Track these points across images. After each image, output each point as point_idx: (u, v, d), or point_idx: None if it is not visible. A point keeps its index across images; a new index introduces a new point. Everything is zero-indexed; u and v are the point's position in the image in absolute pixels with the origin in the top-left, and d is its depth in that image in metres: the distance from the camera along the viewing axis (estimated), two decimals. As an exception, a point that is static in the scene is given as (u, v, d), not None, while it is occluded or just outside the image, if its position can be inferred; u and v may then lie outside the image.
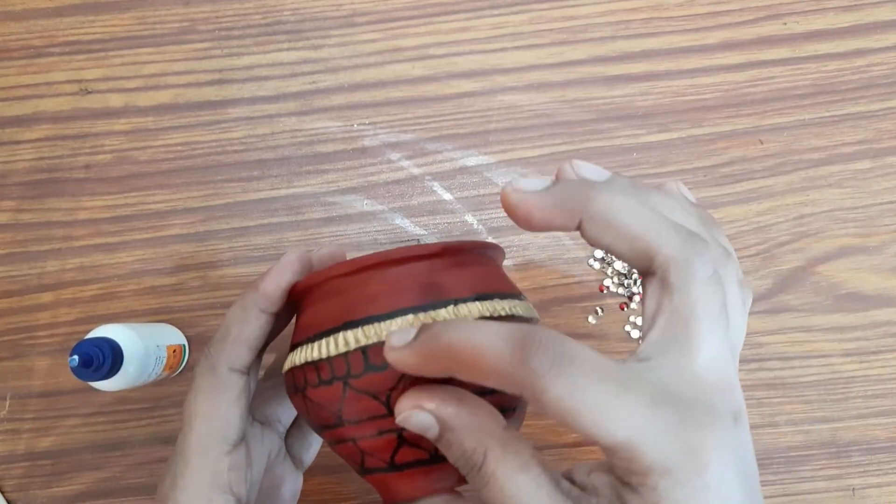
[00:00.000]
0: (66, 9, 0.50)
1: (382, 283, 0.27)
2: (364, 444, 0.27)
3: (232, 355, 0.29)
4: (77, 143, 0.48)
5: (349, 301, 0.27)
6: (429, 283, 0.27)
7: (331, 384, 0.27)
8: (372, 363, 0.26)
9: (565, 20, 0.50)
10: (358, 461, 0.28)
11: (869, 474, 0.45)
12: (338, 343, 0.27)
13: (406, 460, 0.27)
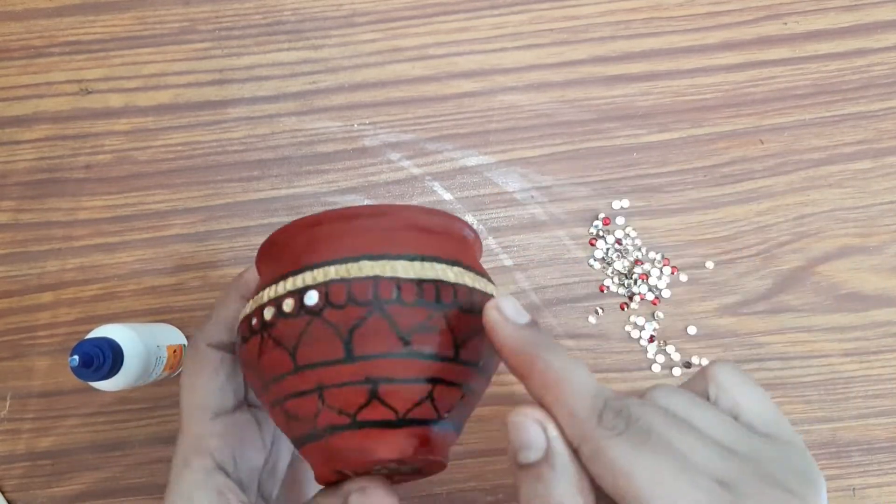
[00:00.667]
0: (66, 9, 0.50)
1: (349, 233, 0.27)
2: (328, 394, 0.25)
3: (210, 333, 0.30)
4: (77, 143, 0.48)
5: (311, 248, 0.27)
6: (392, 237, 0.27)
7: (298, 316, 0.25)
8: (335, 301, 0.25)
9: (565, 20, 0.50)
10: (311, 415, 0.26)
11: (869, 474, 0.45)
12: (315, 276, 0.26)
13: (332, 423, 0.25)
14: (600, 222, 0.47)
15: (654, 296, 0.46)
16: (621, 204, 0.47)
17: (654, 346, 0.46)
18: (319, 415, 0.26)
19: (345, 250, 0.26)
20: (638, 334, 0.46)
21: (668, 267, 0.47)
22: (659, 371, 0.45)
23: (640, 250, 0.47)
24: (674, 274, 0.47)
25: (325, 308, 0.25)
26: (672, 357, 0.46)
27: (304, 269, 0.26)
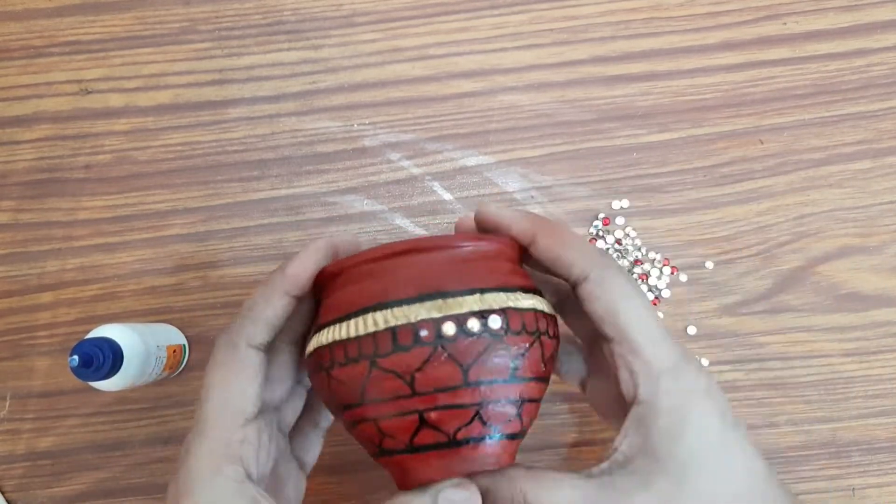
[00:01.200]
0: (66, 9, 0.50)
1: (412, 268, 0.29)
2: (384, 424, 0.28)
3: (252, 332, 0.30)
4: (77, 143, 0.48)
5: (380, 284, 0.29)
6: (456, 270, 0.29)
7: (357, 362, 0.28)
8: (400, 343, 0.27)
9: (565, 20, 0.50)
10: (376, 442, 0.29)
11: (869, 474, 0.45)
12: (367, 323, 0.28)
13: (425, 442, 0.28)
14: (600, 222, 0.47)
15: (654, 296, 0.46)
16: (621, 204, 0.47)
17: (654, 346, 0.46)
18: (382, 441, 0.29)
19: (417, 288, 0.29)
20: (638, 334, 0.46)
21: (667, 267, 0.47)
22: (659, 371, 0.45)
23: (639, 250, 0.47)
24: (674, 274, 0.47)
25: (395, 350, 0.28)
26: (672, 357, 0.46)
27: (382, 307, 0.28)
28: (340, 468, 0.45)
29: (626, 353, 0.30)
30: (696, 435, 0.29)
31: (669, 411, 0.29)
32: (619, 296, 0.30)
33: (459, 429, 0.28)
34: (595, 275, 0.30)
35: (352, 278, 0.30)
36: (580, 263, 0.30)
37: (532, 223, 0.31)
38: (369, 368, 0.28)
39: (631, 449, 0.29)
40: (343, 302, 0.30)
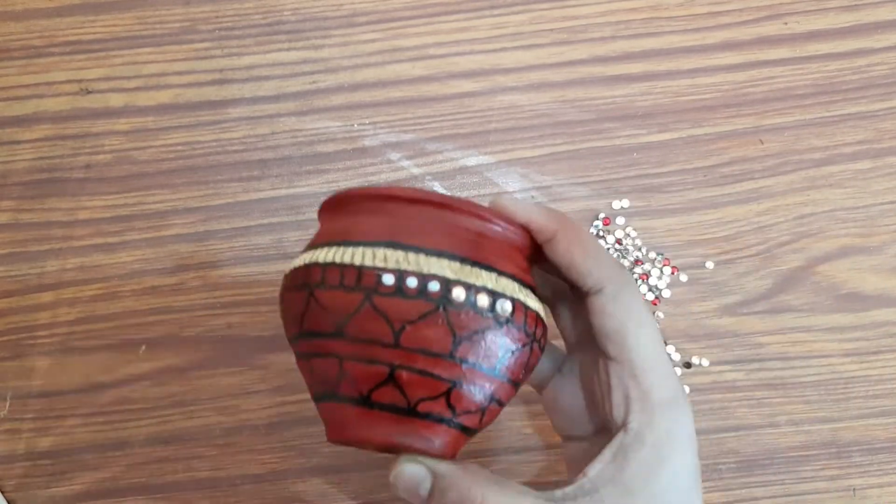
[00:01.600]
0: (66, 9, 0.50)
1: (438, 222, 0.28)
2: (349, 366, 0.27)
3: None
4: (77, 143, 0.48)
5: (400, 224, 0.28)
6: (479, 243, 0.28)
7: (351, 291, 0.26)
8: (404, 289, 0.26)
9: (565, 20, 0.50)
10: (331, 383, 0.27)
11: (870, 474, 0.45)
12: (376, 256, 0.27)
13: (382, 400, 0.27)
14: (600, 222, 0.47)
15: (655, 296, 0.46)
16: (621, 204, 0.47)
17: (654, 346, 0.46)
18: (337, 384, 0.27)
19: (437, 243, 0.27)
20: (638, 334, 0.46)
21: (668, 267, 0.47)
22: (659, 371, 0.45)
23: (640, 250, 0.47)
24: (674, 274, 0.47)
25: (397, 293, 0.26)
26: (672, 357, 0.46)
27: (396, 247, 0.27)
28: (340, 468, 0.45)
29: (627, 377, 0.29)
30: (672, 477, 0.28)
31: (654, 446, 0.28)
32: (631, 317, 0.29)
33: (423, 400, 0.27)
34: (610, 290, 0.30)
35: (370, 209, 0.28)
36: (597, 274, 0.30)
37: (555, 221, 0.30)
38: (362, 302, 0.26)
39: (601, 478, 0.28)
40: (353, 228, 0.28)
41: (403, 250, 0.27)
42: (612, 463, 0.28)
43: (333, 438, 0.28)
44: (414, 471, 0.28)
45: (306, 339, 0.28)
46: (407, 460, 0.28)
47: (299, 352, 0.29)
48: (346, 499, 0.45)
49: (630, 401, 0.29)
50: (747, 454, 0.45)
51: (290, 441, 0.45)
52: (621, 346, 0.29)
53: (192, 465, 0.45)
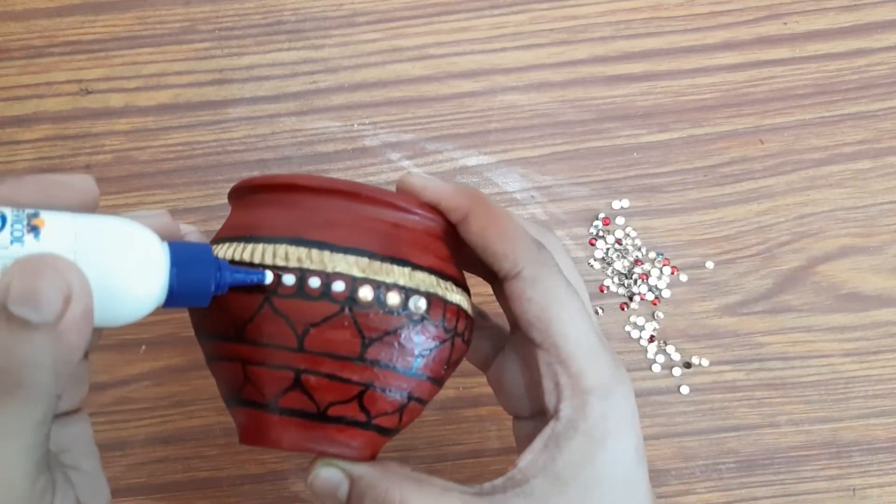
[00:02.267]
0: (66, 9, 0.50)
1: (346, 213, 0.26)
2: (253, 371, 0.25)
3: None
4: (77, 143, 0.48)
5: (303, 217, 0.26)
6: (393, 235, 0.26)
7: (250, 293, 0.25)
8: (306, 290, 0.24)
9: (565, 20, 0.50)
10: (236, 387, 0.26)
11: (870, 474, 0.45)
12: (276, 253, 0.25)
13: (290, 406, 0.25)
14: (600, 222, 0.47)
15: (654, 296, 0.46)
16: (621, 204, 0.47)
17: (654, 346, 0.46)
18: (242, 388, 0.26)
19: (345, 238, 0.25)
20: (638, 334, 0.46)
21: (668, 267, 0.47)
22: (659, 371, 0.45)
23: (640, 250, 0.47)
24: (674, 274, 0.47)
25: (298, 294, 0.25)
26: (672, 357, 0.46)
27: (299, 243, 0.25)
28: (340, 468, 0.45)
29: (555, 362, 0.28)
30: (608, 463, 0.27)
31: (588, 433, 0.27)
32: (553, 301, 0.28)
33: (333, 404, 0.25)
34: (528, 272, 0.28)
35: (275, 200, 0.27)
36: (513, 256, 0.28)
37: (467, 199, 0.28)
38: (262, 304, 0.24)
39: (532, 468, 0.27)
40: (256, 222, 0.26)
41: (307, 247, 0.25)
42: (543, 452, 0.27)
43: (244, 442, 0.27)
44: (330, 475, 0.27)
45: (209, 341, 0.27)
46: (323, 464, 0.27)
47: (205, 353, 0.28)
48: (346, 499, 0.45)
49: (560, 388, 0.27)
50: (747, 454, 0.45)
51: (290, 441, 0.45)
52: (545, 333, 0.28)
53: (192, 465, 0.44)
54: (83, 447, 0.27)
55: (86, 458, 0.27)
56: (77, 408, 0.27)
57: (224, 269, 0.24)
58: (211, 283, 0.24)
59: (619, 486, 0.27)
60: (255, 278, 0.24)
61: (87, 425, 0.28)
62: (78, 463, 0.26)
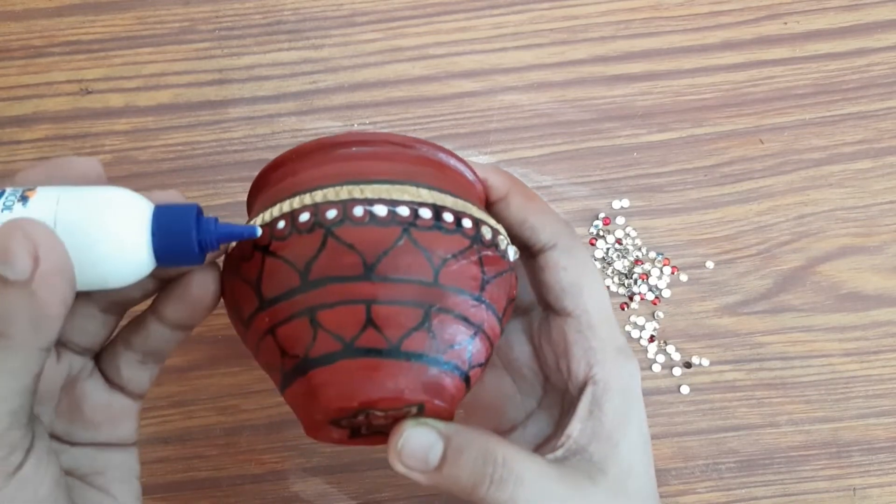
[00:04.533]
0: (66, 9, 0.50)
1: (395, 159, 0.27)
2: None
3: None
4: (77, 143, 0.48)
5: (355, 165, 0.26)
6: (446, 177, 0.28)
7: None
8: (442, 224, 0.24)
9: (565, 20, 0.50)
10: (352, 335, 0.24)
11: (870, 474, 0.45)
12: (326, 195, 0.24)
13: (414, 349, 0.24)
14: (600, 222, 0.47)
15: (655, 296, 0.46)
16: (621, 204, 0.47)
17: (654, 346, 0.46)
18: (361, 335, 0.24)
19: (363, 173, 0.26)
20: (638, 334, 0.46)
21: (668, 267, 0.47)
22: (659, 371, 0.45)
23: (640, 250, 0.47)
24: (674, 274, 0.47)
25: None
26: (672, 357, 0.46)
27: (318, 188, 0.25)
28: (340, 468, 0.45)
29: (585, 328, 0.29)
30: (642, 420, 0.29)
31: (622, 393, 0.28)
32: (585, 271, 0.30)
33: (451, 347, 0.24)
34: (564, 244, 0.30)
35: (373, 154, 0.27)
36: (551, 230, 0.30)
37: (508, 179, 0.31)
38: (400, 236, 0.24)
39: (584, 435, 0.28)
40: (362, 170, 0.26)
41: (362, 184, 0.25)
42: (590, 418, 0.28)
43: (359, 403, 0.24)
44: (423, 435, 0.25)
45: (262, 310, 0.25)
46: (414, 424, 0.25)
47: (255, 332, 0.26)
48: (346, 499, 0.45)
49: (593, 352, 0.29)
50: (747, 454, 0.45)
51: (290, 441, 0.45)
52: (577, 299, 0.29)
53: (192, 465, 0.44)
54: (120, 475, 0.29)
55: (120, 486, 0.28)
56: (122, 443, 0.29)
57: (208, 226, 0.24)
58: (192, 240, 0.24)
59: (646, 445, 0.29)
60: (245, 232, 0.24)
61: (133, 460, 0.29)
62: (109, 488, 0.28)
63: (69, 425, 0.28)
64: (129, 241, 0.24)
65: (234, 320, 0.28)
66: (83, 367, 0.29)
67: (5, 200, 0.23)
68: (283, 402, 0.45)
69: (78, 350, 0.29)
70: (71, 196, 0.23)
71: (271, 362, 0.26)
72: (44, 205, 0.23)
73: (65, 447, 0.28)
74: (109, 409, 0.29)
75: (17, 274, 0.21)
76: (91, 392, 0.29)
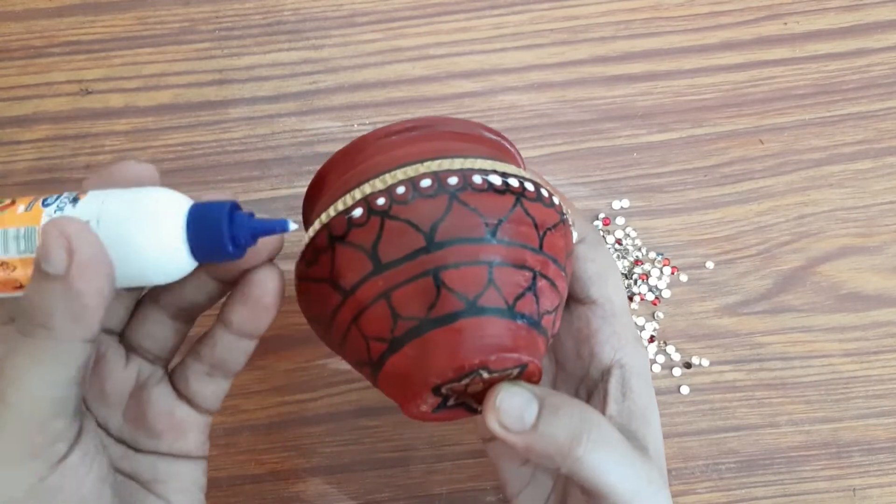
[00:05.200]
0: (66, 9, 0.50)
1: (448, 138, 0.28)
2: (449, 275, 0.25)
3: None
4: (77, 143, 0.48)
5: (416, 147, 0.28)
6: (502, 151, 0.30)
7: (501, 194, 0.26)
8: (543, 198, 0.27)
9: (565, 20, 0.50)
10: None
11: (870, 475, 0.45)
12: (452, 164, 0.26)
13: (524, 311, 0.26)
14: (600, 222, 0.47)
15: (655, 296, 0.46)
16: (621, 204, 0.47)
17: (654, 346, 0.46)
18: (483, 294, 0.25)
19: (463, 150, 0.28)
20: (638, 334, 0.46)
21: (668, 267, 0.47)
22: (659, 371, 0.45)
23: (640, 250, 0.47)
24: (674, 274, 0.47)
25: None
26: (672, 357, 0.46)
27: (427, 160, 0.26)
28: (340, 468, 0.45)
29: (609, 315, 0.31)
30: (656, 404, 0.31)
31: (642, 375, 0.30)
32: (608, 262, 0.32)
33: (547, 313, 0.26)
34: (592, 238, 0.32)
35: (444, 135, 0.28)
36: (580, 225, 0.32)
37: (540, 178, 0.32)
38: (514, 204, 0.26)
39: (622, 415, 0.30)
40: (400, 156, 0.27)
41: (427, 160, 0.26)
42: (624, 400, 0.30)
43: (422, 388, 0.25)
44: (519, 394, 0.26)
45: (344, 299, 0.26)
46: (510, 385, 0.26)
47: (338, 328, 0.27)
48: (346, 499, 0.45)
49: (617, 337, 0.31)
50: (747, 454, 0.45)
51: (290, 441, 0.45)
52: (602, 288, 0.31)
53: (192, 465, 0.44)
54: (182, 486, 0.29)
55: (181, 497, 0.29)
56: (187, 455, 0.30)
57: (241, 220, 0.25)
58: (224, 235, 0.24)
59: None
60: (278, 227, 0.25)
61: (199, 473, 0.30)
62: (170, 497, 0.29)
63: (134, 431, 0.29)
64: (165, 236, 0.24)
65: (319, 301, 0.27)
66: (152, 375, 0.30)
67: (59, 203, 0.25)
68: (283, 402, 0.45)
69: (148, 357, 0.29)
70: (115, 196, 0.25)
71: (375, 332, 0.26)
72: (89, 206, 0.25)
73: (130, 452, 0.29)
74: (173, 419, 0.29)
75: (54, 267, 0.23)
76: (157, 400, 0.29)
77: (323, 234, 0.27)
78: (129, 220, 0.24)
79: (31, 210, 0.25)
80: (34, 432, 0.23)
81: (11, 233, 0.24)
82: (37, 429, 0.23)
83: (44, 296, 0.23)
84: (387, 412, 0.45)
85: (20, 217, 0.25)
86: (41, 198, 0.26)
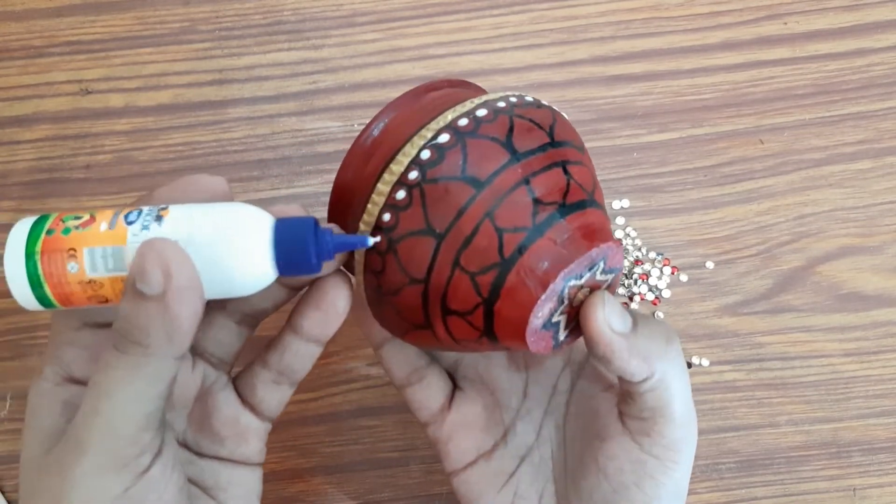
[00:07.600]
0: (67, 9, 0.50)
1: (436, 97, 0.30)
2: (501, 213, 0.26)
3: None
4: (77, 143, 0.48)
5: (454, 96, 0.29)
6: None
7: (495, 119, 0.27)
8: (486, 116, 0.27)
9: (565, 20, 0.50)
10: (527, 215, 0.26)
11: (870, 475, 0.45)
12: (457, 108, 0.28)
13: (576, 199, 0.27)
14: (600, 222, 0.47)
15: (655, 296, 0.46)
16: (621, 204, 0.47)
17: (654, 346, 0.46)
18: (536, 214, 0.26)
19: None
20: (638, 334, 0.46)
21: (668, 267, 0.47)
22: (659, 371, 0.45)
23: (640, 250, 0.47)
24: (674, 274, 0.47)
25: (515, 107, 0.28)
26: (672, 357, 0.46)
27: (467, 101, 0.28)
28: (340, 468, 0.45)
29: None
30: None
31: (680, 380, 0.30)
32: None
33: (595, 188, 0.28)
34: None
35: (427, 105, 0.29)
36: None
37: None
38: (511, 120, 0.27)
39: None
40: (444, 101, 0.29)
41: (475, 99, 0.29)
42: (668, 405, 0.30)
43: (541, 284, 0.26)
44: (616, 301, 0.28)
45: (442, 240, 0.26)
46: (608, 294, 0.28)
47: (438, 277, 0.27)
48: (346, 499, 0.45)
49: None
50: (747, 454, 0.45)
51: (290, 441, 0.45)
52: None
53: (192, 465, 0.44)
54: (240, 493, 0.30)
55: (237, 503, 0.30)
56: (246, 461, 0.30)
57: (324, 237, 0.26)
58: (310, 251, 0.26)
59: None
60: (358, 242, 0.27)
61: (256, 481, 0.31)
62: (226, 502, 0.30)
63: (198, 435, 0.30)
64: (255, 254, 0.25)
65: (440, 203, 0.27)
66: (217, 380, 0.30)
67: (143, 220, 0.25)
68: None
69: (213, 361, 0.30)
70: (200, 213, 0.25)
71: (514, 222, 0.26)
72: (178, 225, 0.25)
73: (193, 457, 0.30)
74: (237, 424, 0.30)
75: (152, 289, 0.23)
76: (221, 405, 0.30)
77: (448, 132, 0.27)
78: (220, 239, 0.25)
79: (115, 228, 0.25)
80: (124, 445, 0.24)
81: (98, 251, 0.25)
82: (127, 441, 0.24)
83: (140, 315, 0.24)
84: (387, 412, 0.45)
85: (104, 235, 0.25)
86: (122, 212, 0.26)
